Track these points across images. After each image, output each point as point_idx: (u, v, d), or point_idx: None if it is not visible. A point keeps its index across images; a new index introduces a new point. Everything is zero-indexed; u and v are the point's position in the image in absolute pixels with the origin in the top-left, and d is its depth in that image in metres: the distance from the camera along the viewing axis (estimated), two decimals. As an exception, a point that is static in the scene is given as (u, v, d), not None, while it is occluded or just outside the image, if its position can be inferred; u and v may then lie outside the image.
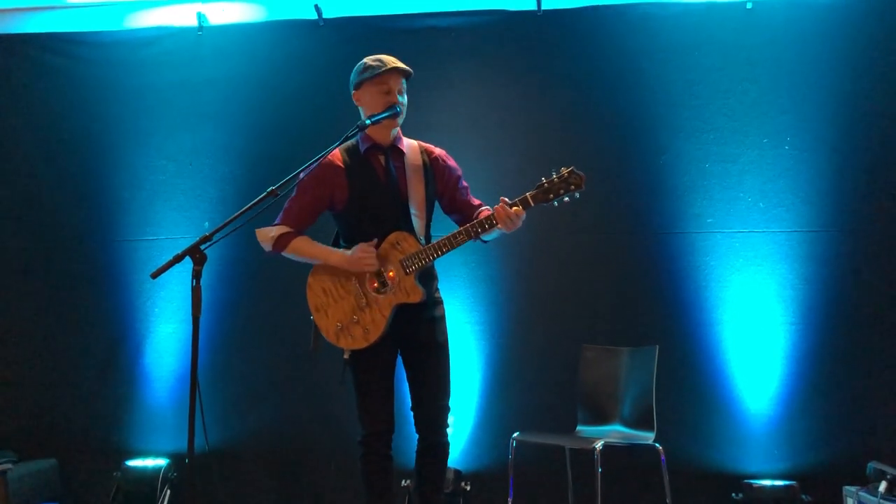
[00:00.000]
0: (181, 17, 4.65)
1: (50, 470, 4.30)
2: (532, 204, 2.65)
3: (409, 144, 2.91)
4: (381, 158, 2.84)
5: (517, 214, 2.63)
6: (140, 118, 4.61)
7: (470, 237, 2.70)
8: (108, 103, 4.64)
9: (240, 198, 4.18)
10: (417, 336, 2.82)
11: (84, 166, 4.64)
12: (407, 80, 2.86)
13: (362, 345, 2.74)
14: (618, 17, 4.23)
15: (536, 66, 4.32)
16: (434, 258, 2.72)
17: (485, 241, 2.88)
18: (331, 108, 4.25)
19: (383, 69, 2.77)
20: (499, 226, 2.65)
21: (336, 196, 2.82)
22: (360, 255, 2.71)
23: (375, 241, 2.74)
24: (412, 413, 2.86)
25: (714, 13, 4.15)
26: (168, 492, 4.21)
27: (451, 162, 2.96)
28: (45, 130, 4.68)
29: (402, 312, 2.75)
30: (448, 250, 2.70)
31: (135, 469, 4.25)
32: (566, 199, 2.66)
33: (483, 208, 2.88)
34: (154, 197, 4.56)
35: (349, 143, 2.84)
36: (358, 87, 2.84)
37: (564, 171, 2.65)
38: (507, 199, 2.65)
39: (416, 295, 2.72)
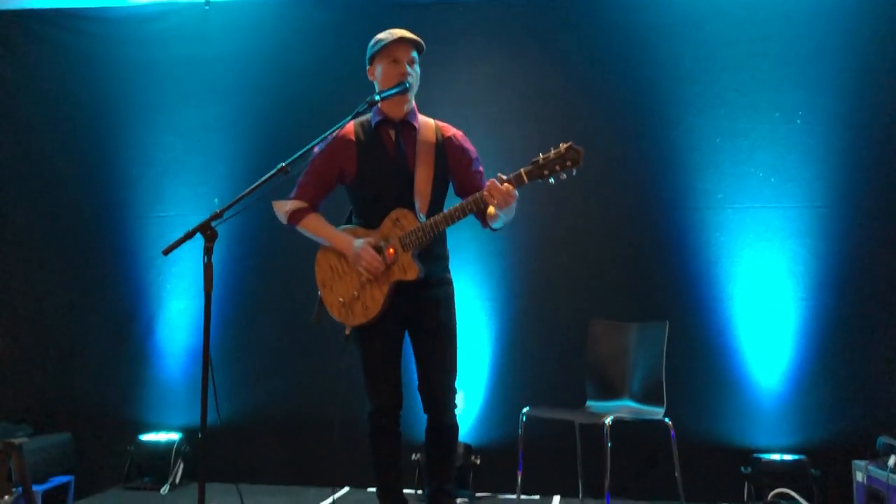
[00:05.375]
0: (188, -7, 4.63)
1: (64, 444, 4.36)
2: (526, 180, 2.58)
3: (424, 122, 2.88)
4: (392, 133, 2.83)
5: (507, 191, 2.54)
6: (147, 94, 4.61)
7: (465, 214, 2.66)
8: (116, 79, 4.64)
9: (249, 174, 4.17)
10: (421, 316, 2.82)
11: (93, 143, 4.65)
12: (419, 52, 2.83)
13: (361, 321, 2.76)
14: (628, -9, 4.20)
15: (546, 41, 4.28)
16: (432, 235, 2.69)
17: (494, 229, 2.86)
18: (339, 82, 4.25)
19: (390, 40, 2.76)
20: (490, 203, 2.59)
21: (346, 169, 2.82)
22: (368, 261, 2.70)
23: (387, 262, 2.72)
24: (418, 394, 2.87)
25: (726, -14, 4.11)
26: (181, 465, 4.27)
27: (467, 144, 2.91)
28: (53, 107, 4.69)
29: (404, 291, 2.75)
30: (444, 227, 2.68)
31: (148, 443, 4.31)
32: (563, 175, 2.57)
33: None
34: (163, 174, 4.58)
35: (364, 117, 2.83)
36: (371, 61, 2.85)
37: (563, 146, 2.55)
38: (503, 175, 2.58)
39: (413, 272, 2.70)
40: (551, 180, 2.59)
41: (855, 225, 3.92)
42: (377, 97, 2.68)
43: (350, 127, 2.83)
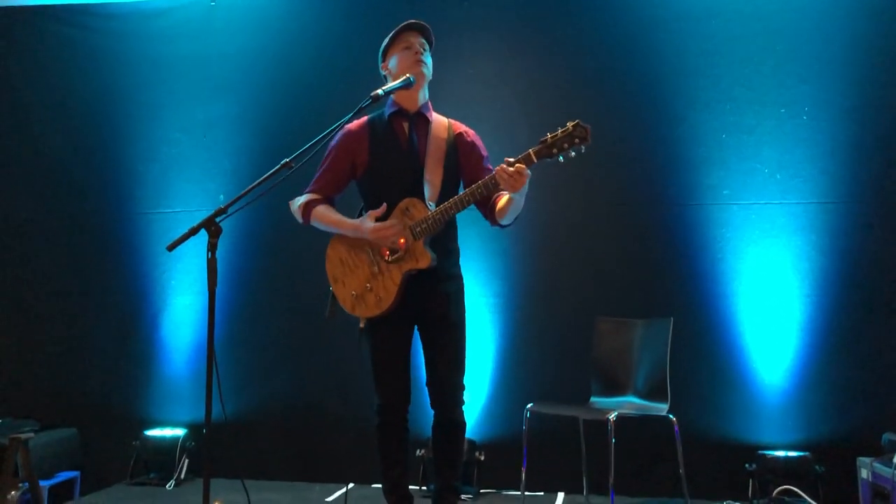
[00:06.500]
0: (193, -12, 4.63)
1: (70, 439, 4.38)
2: (535, 160, 2.57)
3: (437, 118, 2.90)
4: (405, 125, 2.84)
5: (518, 171, 2.53)
6: (153, 90, 4.62)
7: (475, 198, 2.65)
8: (121, 75, 4.66)
9: (254, 169, 4.20)
10: (431, 311, 2.81)
11: (99, 139, 4.67)
12: (429, 42, 2.86)
13: (375, 313, 2.76)
14: (634, -14, 4.19)
15: (550, 36, 4.27)
16: (442, 221, 2.68)
17: (503, 226, 2.83)
18: (344, 78, 4.25)
19: (399, 27, 2.82)
20: (502, 187, 2.58)
21: (357, 161, 2.84)
22: (381, 232, 2.69)
23: (384, 206, 2.71)
24: (427, 389, 2.86)
25: (732, -19, 4.09)
26: (186, 461, 4.28)
27: (478, 141, 2.93)
28: (59, 103, 4.72)
29: (416, 284, 2.75)
30: (455, 212, 2.68)
31: (153, 438, 4.32)
32: (572, 153, 2.56)
33: (503, 192, 2.74)
34: (168, 170, 4.59)
35: (378, 109, 2.85)
36: (384, 56, 2.87)
37: (570, 124, 2.56)
38: (510, 159, 2.57)
39: (425, 260, 2.70)
40: (560, 158, 2.58)
41: (861, 221, 3.91)
42: (381, 91, 2.68)
43: (363, 119, 2.86)
